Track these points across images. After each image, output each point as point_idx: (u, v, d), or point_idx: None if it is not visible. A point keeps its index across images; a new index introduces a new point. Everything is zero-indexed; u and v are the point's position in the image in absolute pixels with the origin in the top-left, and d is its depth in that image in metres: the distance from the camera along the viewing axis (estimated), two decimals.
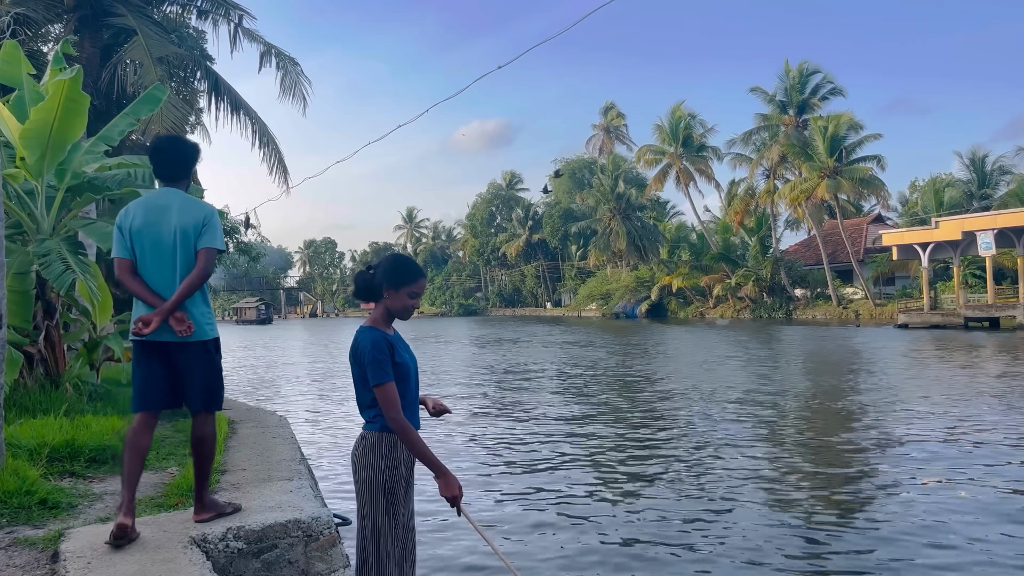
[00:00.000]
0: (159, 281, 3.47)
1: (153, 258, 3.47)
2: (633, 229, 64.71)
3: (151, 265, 3.48)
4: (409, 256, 3.18)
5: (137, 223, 3.49)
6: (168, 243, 3.48)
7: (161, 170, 3.65)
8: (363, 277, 3.09)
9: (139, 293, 3.46)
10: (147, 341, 3.43)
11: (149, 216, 3.49)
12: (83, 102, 6.16)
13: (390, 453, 2.96)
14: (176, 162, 3.65)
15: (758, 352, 23.95)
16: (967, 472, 7.64)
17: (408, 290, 3.01)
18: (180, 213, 3.51)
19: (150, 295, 3.44)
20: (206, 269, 3.49)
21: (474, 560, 5.41)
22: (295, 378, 18.49)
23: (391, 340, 2.99)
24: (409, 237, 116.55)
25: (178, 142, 3.80)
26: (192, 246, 3.49)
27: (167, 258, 3.48)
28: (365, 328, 3.02)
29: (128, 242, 3.48)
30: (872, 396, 13.12)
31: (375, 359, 2.88)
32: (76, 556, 3.08)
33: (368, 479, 2.95)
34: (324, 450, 9.21)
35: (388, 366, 2.90)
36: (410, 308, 3.06)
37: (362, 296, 3.10)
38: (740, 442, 9.29)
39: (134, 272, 3.48)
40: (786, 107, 51.07)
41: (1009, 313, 33.89)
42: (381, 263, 3.08)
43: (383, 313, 3.05)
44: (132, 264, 3.48)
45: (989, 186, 50.93)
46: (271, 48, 18.05)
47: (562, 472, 8.01)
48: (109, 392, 7.32)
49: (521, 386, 15.90)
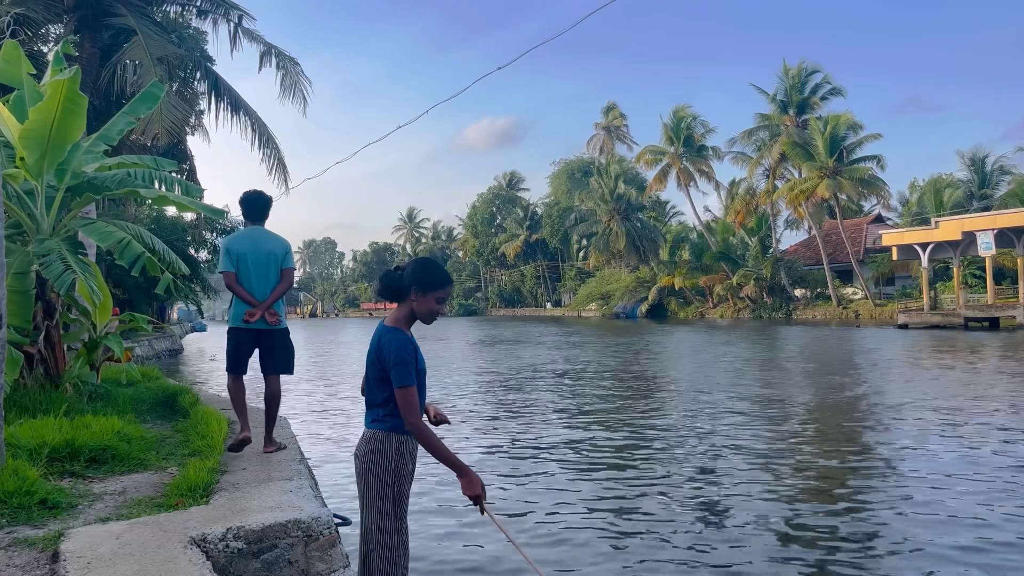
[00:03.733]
0: (257, 288, 5.08)
1: (254, 273, 5.09)
2: (633, 229, 64.72)
3: (253, 277, 5.08)
4: (438, 261, 3.16)
5: (242, 248, 5.09)
6: (263, 263, 5.11)
7: (250, 214, 5.31)
8: (391, 277, 3.03)
9: (241, 295, 5.06)
10: (249, 327, 5.04)
11: (250, 245, 5.11)
12: (82, 102, 6.16)
13: (399, 453, 2.94)
14: (261, 208, 5.33)
15: (758, 352, 23.95)
16: (969, 472, 7.63)
17: (436, 295, 2.99)
18: (270, 243, 5.18)
19: (249, 296, 5.05)
20: (289, 282, 5.20)
21: (478, 562, 5.40)
22: (295, 378, 18.47)
23: (415, 344, 2.97)
24: (409, 237, 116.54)
25: (261, 196, 5.36)
26: (278, 265, 5.16)
27: (262, 273, 5.10)
28: (390, 328, 2.97)
29: (234, 260, 5.06)
30: (871, 396, 13.11)
31: (402, 360, 2.85)
32: (76, 556, 3.08)
33: (376, 478, 2.92)
34: (324, 450, 9.19)
35: (413, 369, 2.88)
36: (435, 313, 3.03)
37: (386, 296, 3.04)
38: (741, 442, 9.29)
39: (236, 281, 5.06)
40: (786, 107, 51.09)
41: (1009, 313, 33.89)
42: (410, 265, 3.04)
43: (407, 315, 3.02)
44: (235, 275, 5.06)
45: (989, 186, 50.93)
46: (271, 48, 18.04)
47: (570, 469, 8.02)
48: (109, 392, 7.30)
49: (522, 386, 15.90)
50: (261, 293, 5.08)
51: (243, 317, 4.99)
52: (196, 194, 7.79)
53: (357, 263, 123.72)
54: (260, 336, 5.11)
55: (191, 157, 23.08)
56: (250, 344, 5.13)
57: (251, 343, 5.13)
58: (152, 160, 7.71)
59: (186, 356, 29.60)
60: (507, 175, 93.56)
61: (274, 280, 5.13)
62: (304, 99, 18.03)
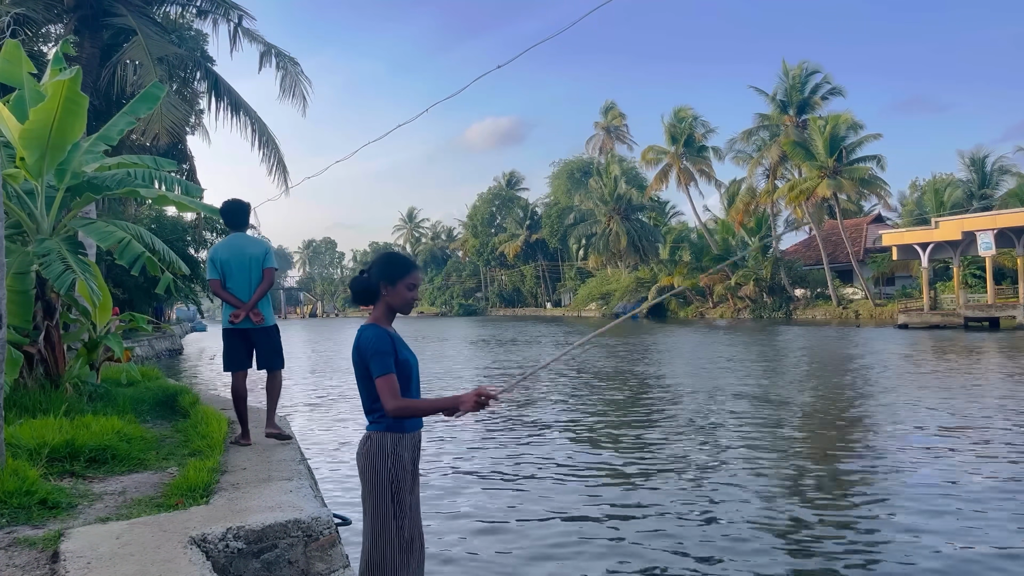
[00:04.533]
0: (240, 291, 5.45)
1: (238, 277, 5.46)
2: (633, 229, 64.71)
3: (238, 281, 5.46)
4: (398, 251, 3.22)
5: (225, 256, 5.46)
6: (246, 267, 5.47)
7: (231, 222, 5.71)
8: (358, 281, 3.10)
9: (227, 299, 5.45)
10: (237, 328, 5.46)
11: (232, 252, 5.48)
12: (82, 102, 6.16)
13: (395, 452, 2.96)
14: (240, 215, 5.70)
15: (758, 353, 23.94)
16: (969, 473, 7.64)
17: (405, 283, 3.05)
18: (250, 247, 5.55)
19: (235, 300, 5.43)
20: (269, 281, 5.55)
21: (480, 560, 5.41)
22: (295, 378, 18.49)
23: (393, 336, 3.00)
24: (409, 237, 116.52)
25: (239, 203, 5.73)
26: (260, 267, 5.50)
27: (246, 276, 5.47)
28: (367, 326, 3.04)
29: (219, 268, 5.45)
30: (872, 396, 13.12)
31: (378, 350, 2.90)
32: (76, 556, 3.08)
33: (373, 478, 2.95)
34: (324, 450, 9.19)
35: (391, 359, 2.91)
36: (410, 301, 3.08)
37: (361, 300, 3.10)
38: (741, 442, 9.29)
39: (223, 286, 5.46)
40: (786, 107, 51.08)
41: (1009, 313, 33.89)
42: (373, 263, 3.11)
43: (383, 311, 3.07)
44: (221, 282, 5.46)
45: (989, 186, 50.92)
46: (271, 48, 18.02)
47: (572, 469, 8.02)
48: (109, 392, 7.30)
49: (523, 386, 15.90)
50: (247, 295, 5.48)
51: (229, 318, 5.45)
52: (196, 194, 7.79)
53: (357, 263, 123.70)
54: (249, 335, 5.54)
55: (191, 157, 23.06)
56: (241, 343, 5.55)
57: (242, 342, 5.55)
58: (152, 160, 7.71)
59: (186, 356, 29.62)
60: (507, 175, 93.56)
61: (257, 281, 5.51)
62: (304, 99, 18.02)
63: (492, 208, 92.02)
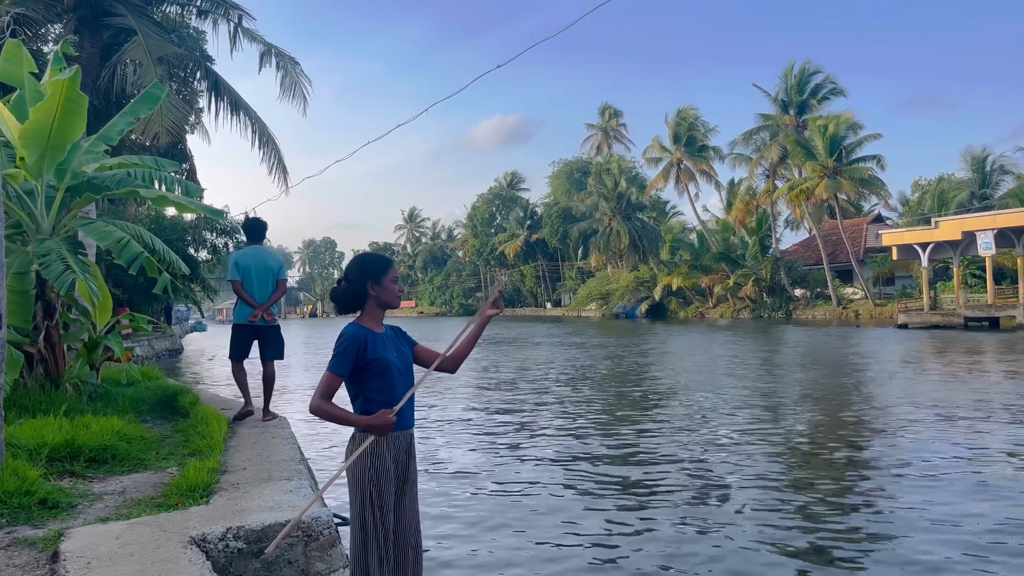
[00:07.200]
0: (258, 294, 6.55)
1: (256, 282, 6.55)
2: (634, 229, 64.72)
3: (256, 286, 6.54)
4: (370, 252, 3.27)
5: (248, 262, 6.55)
6: (263, 275, 6.59)
7: (252, 236, 6.84)
8: (339, 291, 3.11)
9: (246, 299, 6.49)
10: (251, 325, 6.51)
11: (254, 260, 6.58)
12: (82, 102, 6.16)
13: (376, 451, 2.96)
14: (260, 231, 6.87)
15: (758, 352, 23.95)
16: (969, 472, 7.64)
17: (389, 277, 3.11)
18: (269, 260, 6.69)
19: (252, 300, 6.50)
20: (282, 290, 6.76)
21: (484, 559, 5.41)
22: (295, 377, 18.49)
23: (368, 336, 3.00)
24: (409, 237, 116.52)
25: (259, 221, 6.87)
26: (275, 276, 6.66)
27: (263, 283, 6.58)
28: (348, 324, 3.07)
29: (241, 271, 6.49)
30: (872, 395, 13.11)
31: (338, 350, 2.94)
32: (76, 556, 3.08)
33: (354, 477, 2.96)
34: (324, 450, 9.19)
35: (348, 361, 2.92)
36: (397, 293, 3.14)
37: (347, 309, 3.11)
38: (742, 442, 9.29)
39: (242, 288, 6.48)
40: (787, 107, 51.10)
41: (1009, 313, 33.90)
42: (350, 270, 3.12)
43: (373, 311, 3.10)
44: (241, 283, 6.49)
45: (989, 186, 50.92)
46: (271, 48, 18.02)
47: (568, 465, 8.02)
48: (109, 392, 7.30)
49: (523, 386, 15.90)
50: (261, 298, 6.56)
51: (247, 316, 6.47)
52: (196, 194, 7.79)
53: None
54: (258, 331, 6.59)
55: (191, 157, 23.06)
56: (250, 337, 6.62)
57: (251, 336, 6.61)
58: (152, 160, 7.71)
59: (186, 356, 29.61)
60: (508, 175, 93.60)
61: (271, 288, 6.64)
62: (304, 99, 18.03)
63: (492, 208, 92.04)
